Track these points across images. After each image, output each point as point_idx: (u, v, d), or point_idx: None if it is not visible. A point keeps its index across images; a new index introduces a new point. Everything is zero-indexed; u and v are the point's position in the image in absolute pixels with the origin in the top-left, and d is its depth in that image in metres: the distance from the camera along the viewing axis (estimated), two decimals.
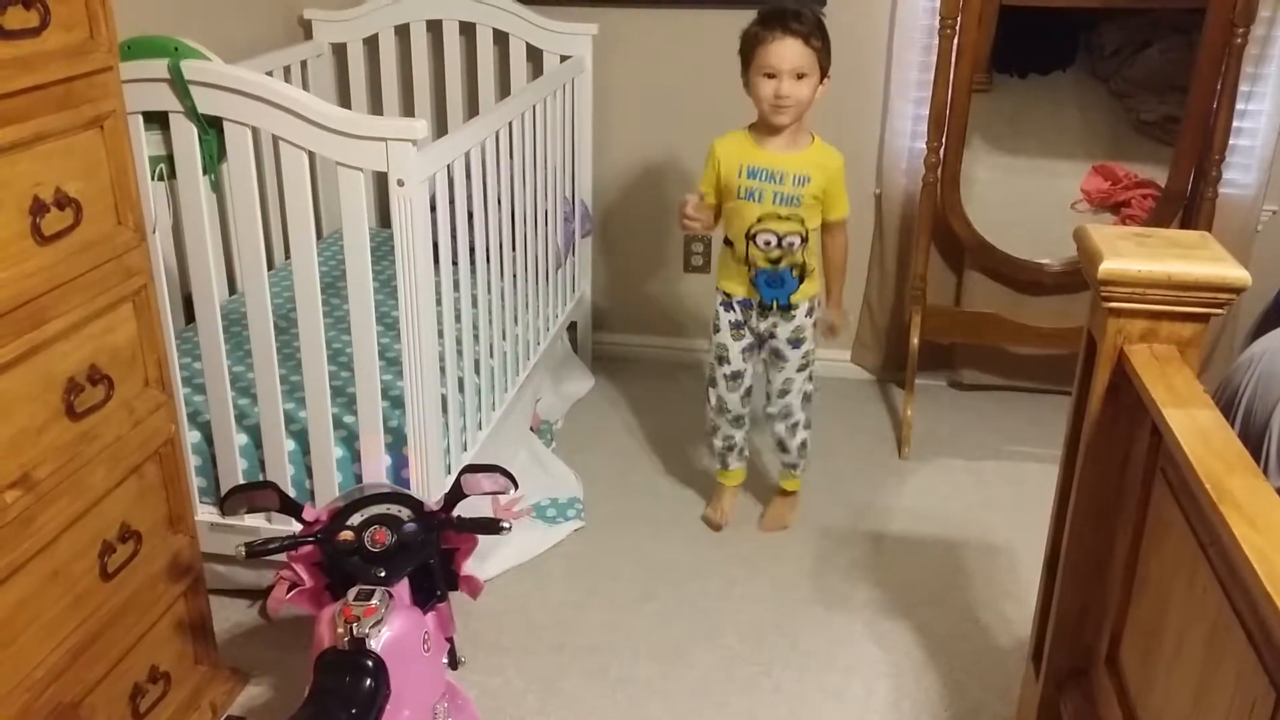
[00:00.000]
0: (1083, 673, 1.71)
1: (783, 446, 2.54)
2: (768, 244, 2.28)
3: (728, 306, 2.41)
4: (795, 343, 2.40)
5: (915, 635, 2.24)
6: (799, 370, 2.43)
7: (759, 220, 2.28)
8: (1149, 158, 3.09)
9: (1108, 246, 1.50)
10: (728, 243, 2.37)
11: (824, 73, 2.21)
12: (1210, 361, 2.93)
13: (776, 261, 2.30)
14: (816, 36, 2.18)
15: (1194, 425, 1.31)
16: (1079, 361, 1.67)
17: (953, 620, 2.29)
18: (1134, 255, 1.48)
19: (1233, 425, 1.43)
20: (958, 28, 2.74)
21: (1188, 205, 2.88)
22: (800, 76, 2.17)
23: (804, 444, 2.53)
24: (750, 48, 2.22)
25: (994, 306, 3.03)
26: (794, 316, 2.37)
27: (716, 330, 2.44)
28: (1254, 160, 2.86)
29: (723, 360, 2.45)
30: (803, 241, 2.29)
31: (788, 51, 2.16)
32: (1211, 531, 1.21)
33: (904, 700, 2.07)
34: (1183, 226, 2.86)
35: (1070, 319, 2.86)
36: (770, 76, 2.18)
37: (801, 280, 2.34)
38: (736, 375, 2.45)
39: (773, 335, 2.40)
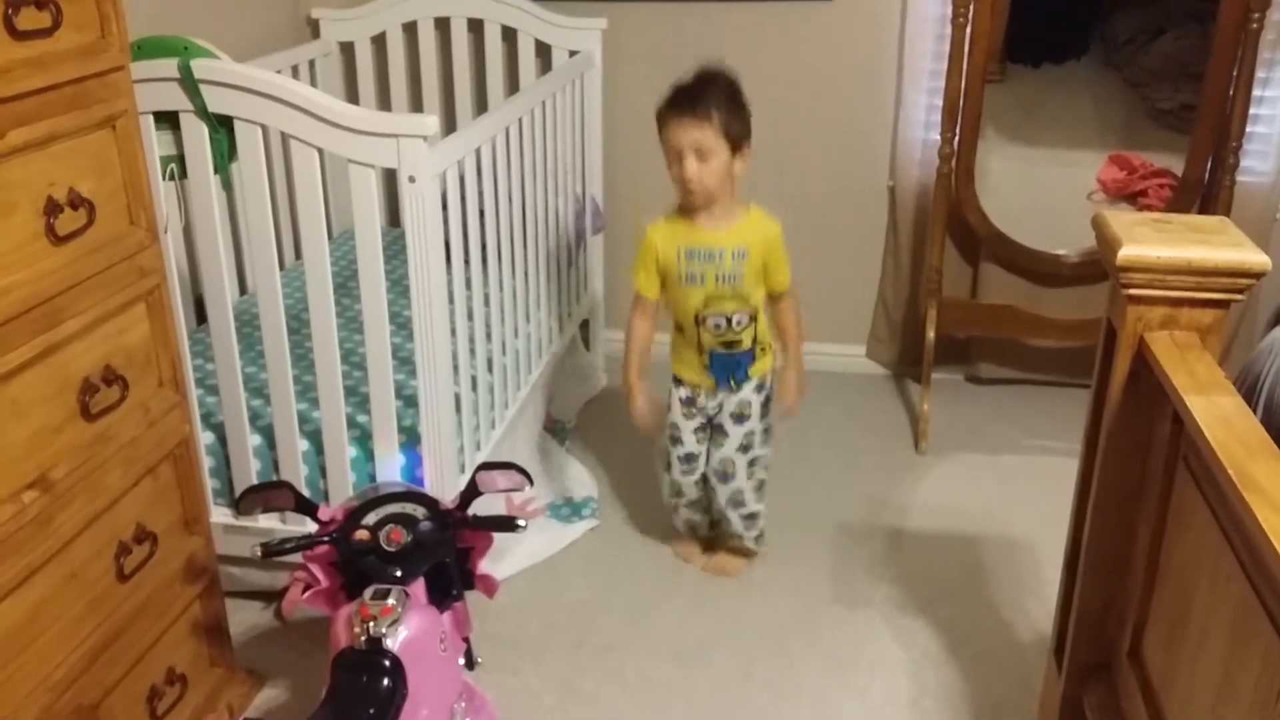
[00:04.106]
0: (1105, 667, 1.70)
1: (726, 526, 2.37)
2: (718, 327, 2.17)
3: (679, 384, 2.29)
4: (739, 419, 2.25)
5: (936, 631, 2.22)
6: (739, 450, 2.27)
7: (705, 304, 2.16)
8: (1165, 146, 3.07)
9: (1126, 233, 1.49)
10: (678, 328, 2.25)
11: (735, 146, 2.08)
12: (1231, 348, 2.90)
13: (730, 345, 2.20)
14: (721, 111, 2.04)
15: (1216, 412, 1.29)
16: (1099, 350, 1.66)
17: (973, 616, 2.27)
18: (1153, 241, 1.46)
19: (1255, 412, 1.41)
20: (970, 17, 2.72)
21: (1205, 193, 2.85)
22: (704, 155, 2.05)
23: (749, 518, 2.34)
24: (660, 127, 2.11)
25: (1011, 299, 3.01)
26: (739, 391, 2.24)
27: (669, 409, 2.31)
28: (1271, 147, 2.84)
29: (676, 441, 2.31)
30: (751, 319, 2.19)
31: (685, 132, 2.04)
32: (1235, 519, 1.19)
33: (925, 697, 2.05)
34: (1200, 214, 2.83)
35: (1088, 311, 2.83)
36: (676, 157, 2.07)
37: (755, 358, 2.23)
38: (690, 458, 2.31)
39: (719, 410, 2.27)
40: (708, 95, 2.06)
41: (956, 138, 2.86)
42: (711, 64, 2.13)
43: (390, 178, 1.87)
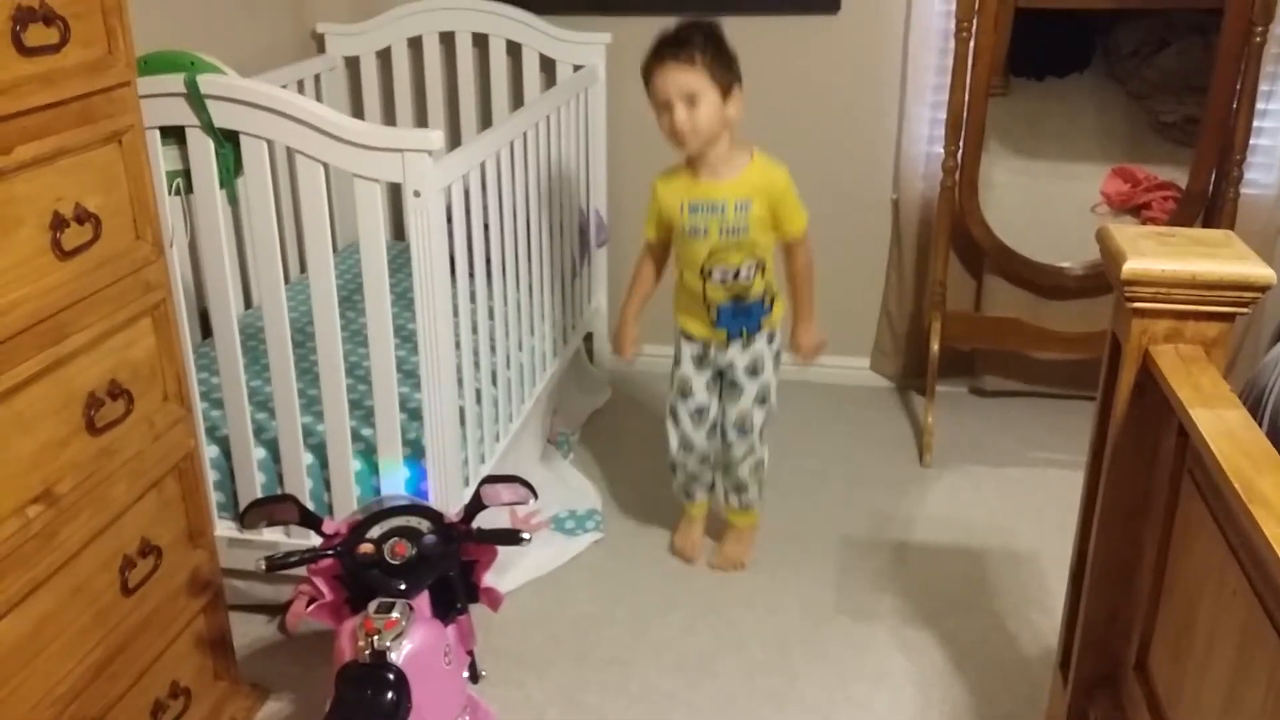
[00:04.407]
0: (1111, 680, 1.69)
1: (731, 473, 2.37)
2: (724, 280, 2.17)
3: (689, 339, 2.29)
4: (752, 371, 2.25)
5: (941, 644, 2.22)
6: (757, 403, 2.28)
7: (710, 256, 2.15)
8: (1169, 159, 3.07)
9: (1131, 246, 1.49)
10: (682, 284, 2.25)
11: (726, 88, 2.05)
12: (1235, 361, 2.90)
13: (739, 296, 2.19)
14: (707, 53, 2.02)
15: (1222, 425, 1.29)
16: (1103, 363, 1.65)
17: (979, 629, 2.26)
18: (1157, 255, 1.46)
19: (1260, 425, 1.41)
20: (974, 31, 2.72)
21: (1209, 206, 2.85)
22: (693, 100, 2.02)
23: (757, 468, 2.35)
24: (645, 81, 2.09)
25: (1015, 311, 3.01)
26: (753, 344, 2.25)
27: (677, 364, 2.31)
28: (1275, 160, 2.84)
29: (685, 394, 2.31)
30: (760, 269, 2.17)
31: (671, 78, 2.02)
32: (1241, 532, 1.19)
33: (931, 710, 2.05)
34: (1204, 227, 2.83)
35: (1092, 323, 2.83)
36: (665, 106, 2.05)
37: (766, 309, 2.23)
38: (701, 411, 2.31)
39: (732, 366, 2.27)
40: (691, 40, 2.04)
41: (960, 151, 2.86)
42: (693, 15, 2.11)
43: (395, 192, 1.87)
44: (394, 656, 1.48)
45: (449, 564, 1.63)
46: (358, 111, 3.18)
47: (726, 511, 2.47)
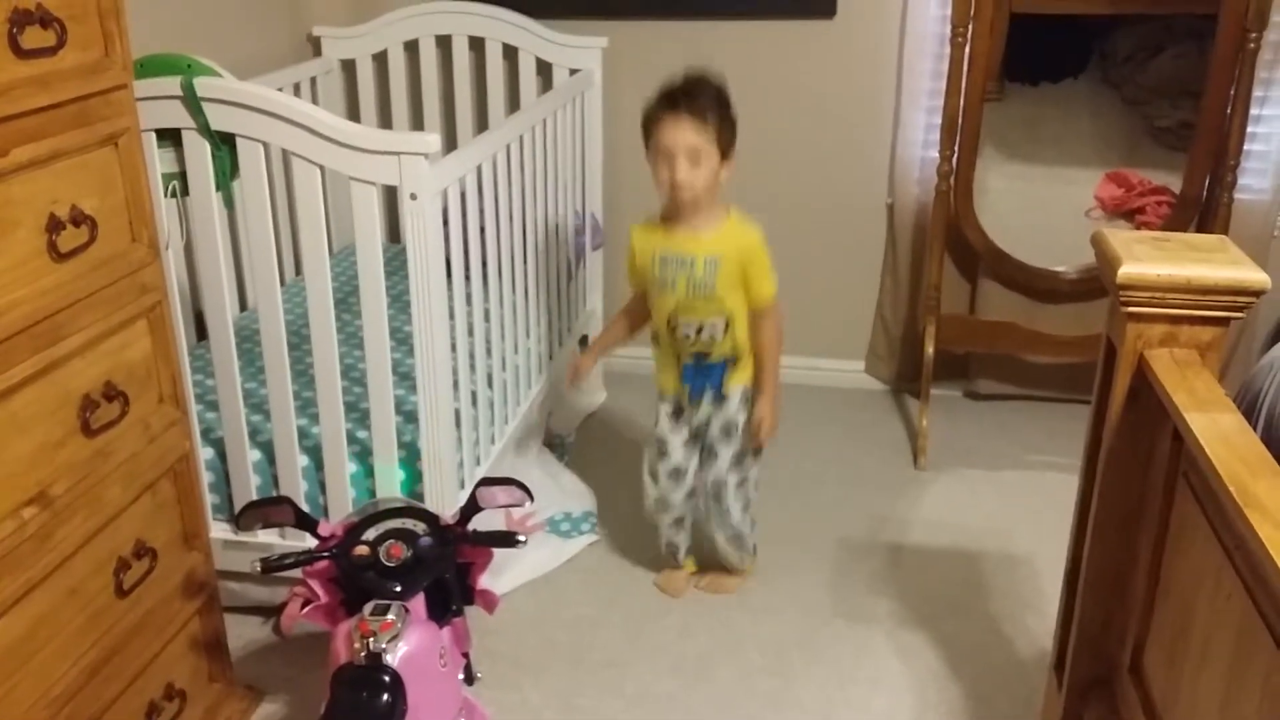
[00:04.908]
0: (1106, 683, 1.69)
1: (714, 546, 2.35)
2: (687, 336, 2.15)
3: (663, 396, 2.27)
4: (726, 434, 2.21)
5: (937, 647, 2.22)
6: (732, 468, 2.23)
7: (676, 309, 2.14)
8: (1163, 164, 3.08)
9: (1126, 251, 1.49)
10: (655, 337, 2.24)
11: (724, 153, 2.06)
12: (1229, 365, 2.90)
13: (702, 354, 2.17)
14: (715, 115, 2.03)
15: (1217, 429, 1.29)
16: (1098, 367, 1.66)
17: (974, 632, 2.26)
18: (1153, 259, 1.47)
19: (1255, 429, 1.41)
20: (969, 36, 2.73)
21: (1203, 211, 2.86)
22: (696, 159, 2.02)
23: (735, 539, 2.32)
24: (648, 126, 2.08)
25: (1009, 315, 3.02)
26: (727, 405, 2.21)
27: (656, 422, 2.29)
28: (1269, 165, 2.85)
29: (663, 454, 2.28)
30: (726, 327, 2.14)
31: (682, 134, 2.01)
32: (1236, 536, 1.20)
33: (927, 712, 2.05)
34: (1199, 232, 2.84)
35: (1087, 327, 2.84)
36: (667, 157, 2.04)
37: (730, 369, 2.19)
38: (678, 472, 2.27)
39: (707, 426, 2.24)
40: (704, 99, 2.04)
41: (955, 155, 2.87)
42: (699, 68, 2.10)
43: (391, 194, 1.87)
44: (389, 659, 1.48)
45: (444, 566, 1.63)
46: (354, 114, 3.18)
47: (716, 565, 2.42)
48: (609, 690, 2.11)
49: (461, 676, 1.72)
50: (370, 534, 1.64)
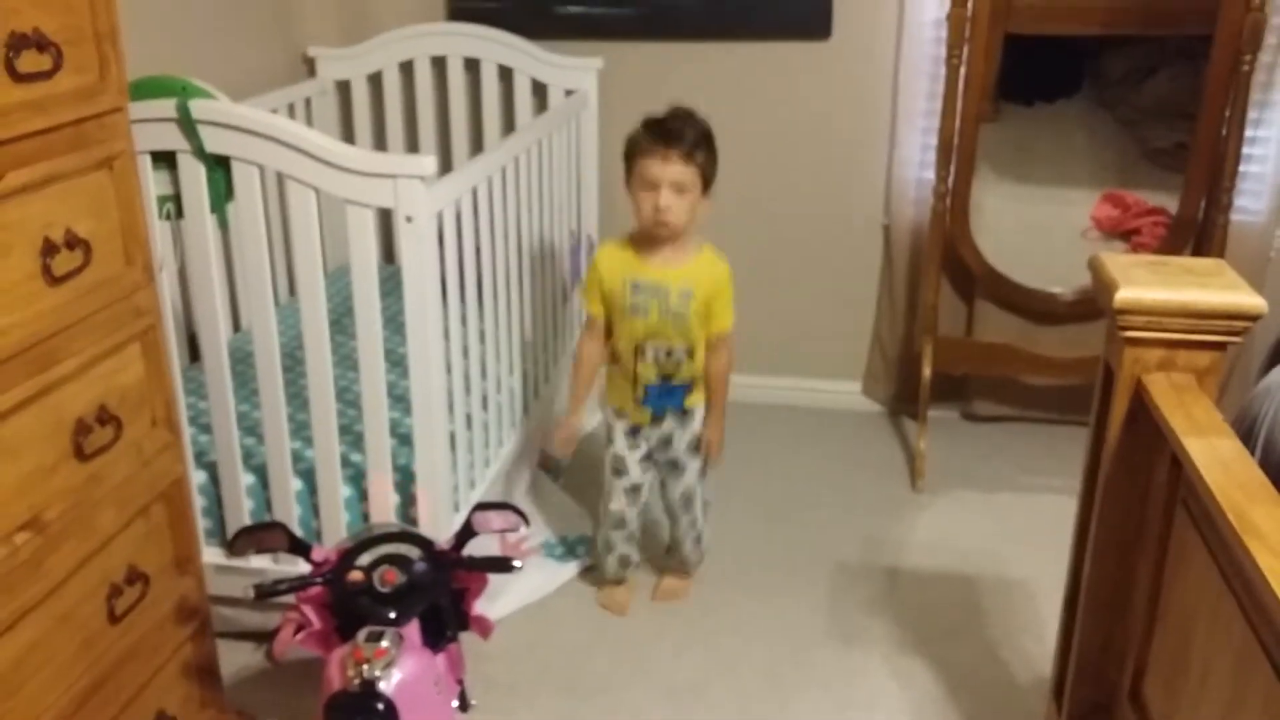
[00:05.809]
0: (1105, 709, 1.68)
1: (677, 550, 2.42)
2: (657, 358, 2.19)
3: (620, 416, 2.30)
4: (694, 449, 2.29)
5: (934, 671, 2.21)
6: (699, 478, 2.33)
7: (646, 334, 2.18)
8: (1159, 185, 3.08)
9: (1123, 275, 1.49)
10: (614, 358, 2.26)
11: (706, 187, 2.12)
12: (1226, 387, 2.90)
13: (669, 375, 2.21)
14: (701, 151, 2.09)
15: (1215, 455, 1.29)
16: (1096, 391, 1.66)
17: (972, 656, 2.25)
18: (1150, 284, 1.47)
19: (1253, 454, 1.41)
20: (964, 57, 2.74)
21: (1199, 233, 2.87)
22: (681, 191, 2.07)
23: (699, 541, 2.41)
24: (632, 155, 2.13)
25: (1006, 336, 3.02)
26: (691, 421, 2.27)
27: (610, 441, 2.32)
28: (1265, 187, 2.85)
29: (620, 473, 2.31)
30: (689, 354, 2.20)
31: (669, 167, 2.06)
32: (1235, 563, 1.19)
33: None
34: (1195, 254, 2.84)
35: (1084, 348, 2.84)
36: (651, 188, 2.09)
37: (690, 390, 2.24)
38: (635, 489, 2.32)
39: (669, 444, 2.29)
40: (692, 135, 2.09)
41: (951, 176, 2.88)
42: (681, 105, 2.16)
43: (386, 214, 1.87)
44: (383, 686, 1.47)
45: (439, 592, 1.62)
46: (348, 135, 3.18)
47: (665, 572, 2.48)
48: (604, 716, 2.09)
49: (456, 703, 1.71)
50: (364, 559, 1.63)
